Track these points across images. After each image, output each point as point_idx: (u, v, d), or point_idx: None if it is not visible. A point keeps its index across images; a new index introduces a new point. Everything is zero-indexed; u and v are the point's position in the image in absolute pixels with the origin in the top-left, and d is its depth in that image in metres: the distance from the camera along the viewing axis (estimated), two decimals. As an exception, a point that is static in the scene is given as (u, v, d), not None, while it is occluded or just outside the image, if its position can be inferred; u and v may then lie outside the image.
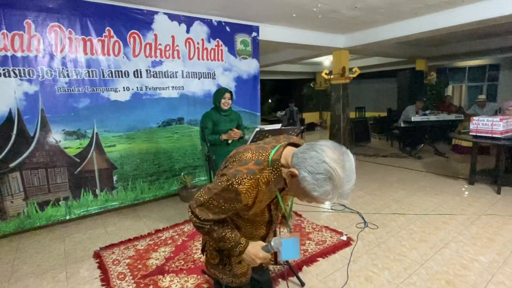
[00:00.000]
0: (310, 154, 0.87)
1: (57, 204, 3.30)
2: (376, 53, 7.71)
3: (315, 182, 0.86)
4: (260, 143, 1.10)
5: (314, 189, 0.87)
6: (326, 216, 3.36)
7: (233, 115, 3.08)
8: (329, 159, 0.85)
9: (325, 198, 0.88)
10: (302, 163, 0.88)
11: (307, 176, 0.87)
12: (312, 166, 0.86)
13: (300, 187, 0.90)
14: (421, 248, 2.58)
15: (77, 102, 3.28)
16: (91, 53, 3.30)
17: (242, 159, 1.01)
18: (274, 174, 0.99)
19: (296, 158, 0.91)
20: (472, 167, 4.21)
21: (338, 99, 6.50)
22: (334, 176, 0.84)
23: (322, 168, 0.85)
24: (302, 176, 0.88)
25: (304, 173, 0.87)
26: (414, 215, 3.27)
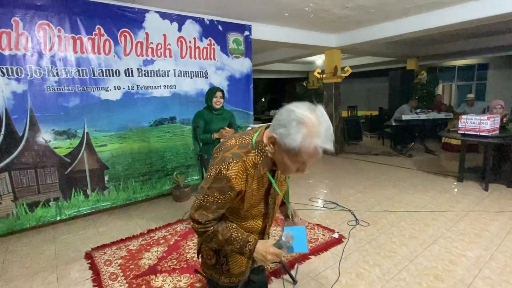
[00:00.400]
0: (281, 115, 0.92)
1: (47, 205, 3.25)
2: (367, 52, 7.79)
3: (290, 130, 0.88)
4: (242, 132, 1.12)
5: (292, 139, 0.88)
6: (318, 214, 3.40)
7: (226, 114, 3.08)
8: (297, 108, 0.90)
9: (308, 146, 0.88)
10: (276, 125, 0.93)
11: (282, 130, 0.90)
12: (284, 119, 0.90)
13: (283, 150, 0.93)
14: (411, 245, 2.63)
15: (67, 101, 3.23)
16: (81, 52, 3.26)
17: (226, 146, 1.03)
18: (260, 156, 1.00)
19: (271, 126, 0.96)
20: (461, 164, 4.30)
21: (330, 98, 6.55)
22: (305, 119, 0.87)
23: (292, 116, 0.88)
24: (278, 134, 0.91)
25: (279, 130, 0.91)
26: (404, 212, 3.32)
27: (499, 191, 3.84)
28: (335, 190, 4.19)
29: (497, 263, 2.30)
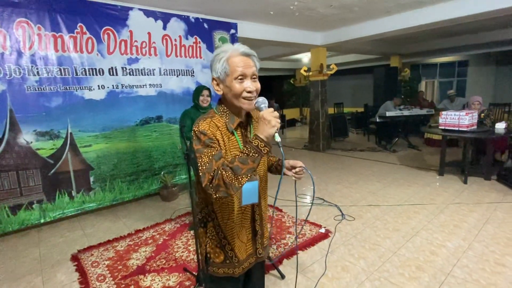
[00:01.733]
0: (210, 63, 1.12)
1: (31, 208, 3.18)
2: (352, 50, 7.92)
3: (216, 60, 1.06)
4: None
5: (220, 62, 1.05)
6: (305, 210, 3.46)
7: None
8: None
9: (231, 55, 1.05)
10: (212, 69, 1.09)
11: (214, 67, 1.08)
12: (213, 59, 1.09)
13: (224, 80, 1.06)
14: (394, 237, 2.72)
15: (49, 101, 3.16)
16: (63, 50, 3.18)
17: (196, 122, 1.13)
18: (223, 115, 1.11)
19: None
20: (442, 159, 4.46)
21: (317, 96, 6.63)
22: (220, 47, 1.10)
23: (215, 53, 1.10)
24: (213, 72, 1.08)
25: (213, 70, 1.08)
26: (388, 206, 3.42)
27: (477, 184, 4.00)
28: (322, 186, 4.27)
29: (474, 252, 2.41)
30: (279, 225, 3.07)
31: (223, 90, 1.08)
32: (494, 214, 3.08)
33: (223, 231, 1.19)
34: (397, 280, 2.12)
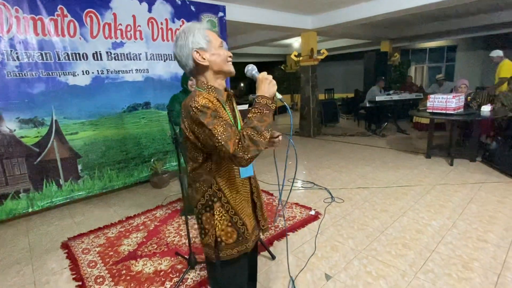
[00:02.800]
0: (181, 40, 1.09)
1: (17, 197, 3.12)
2: (343, 34, 7.85)
3: (194, 34, 1.07)
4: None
5: (200, 34, 1.07)
6: (296, 193, 3.50)
7: None
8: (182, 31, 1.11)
9: (206, 28, 1.11)
10: (184, 49, 1.08)
11: (191, 39, 1.07)
12: (184, 38, 1.08)
13: (208, 50, 1.08)
14: (382, 218, 2.79)
15: (31, 88, 3.05)
16: (43, 34, 3.05)
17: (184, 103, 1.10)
18: (210, 91, 1.10)
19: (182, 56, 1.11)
20: (429, 142, 4.54)
21: (307, 81, 6.60)
22: (187, 24, 1.11)
23: (184, 31, 1.09)
24: (192, 44, 1.07)
25: (189, 43, 1.07)
26: (377, 188, 3.49)
27: (463, 166, 4.11)
28: (313, 171, 4.31)
29: (458, 230, 2.50)
30: (269, 208, 3.11)
31: (209, 59, 1.09)
32: (478, 194, 3.18)
33: (233, 207, 1.16)
34: (384, 257, 2.18)
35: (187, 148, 1.15)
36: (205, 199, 1.16)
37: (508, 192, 3.18)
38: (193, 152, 1.14)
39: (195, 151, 1.13)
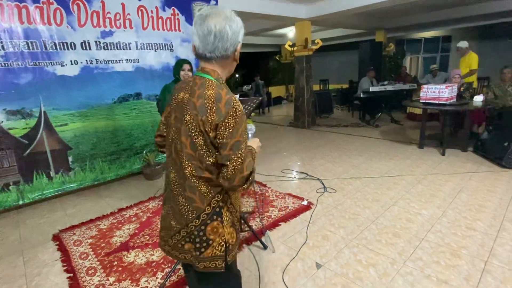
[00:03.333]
0: (223, 33, 0.98)
1: (7, 189, 3.08)
2: (337, 24, 7.78)
3: (235, 27, 0.99)
4: (183, 85, 1.06)
5: (239, 31, 1.01)
6: (289, 184, 3.51)
7: None
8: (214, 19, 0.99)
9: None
10: (231, 39, 0.99)
11: (240, 34, 1.02)
12: (230, 31, 0.98)
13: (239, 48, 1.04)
14: (373, 207, 2.81)
15: (17, 78, 2.98)
16: (29, 22, 2.96)
17: (201, 87, 0.99)
18: (225, 87, 1.02)
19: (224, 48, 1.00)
20: (422, 132, 4.56)
21: (302, 71, 6.55)
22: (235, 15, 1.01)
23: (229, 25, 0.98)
24: (241, 40, 1.03)
25: (238, 38, 1.02)
26: (369, 179, 3.51)
27: (454, 155, 4.14)
28: (306, 161, 4.32)
29: (448, 219, 2.53)
30: (262, 199, 3.11)
31: (237, 58, 1.06)
32: (469, 183, 3.22)
33: (235, 206, 1.11)
34: (374, 246, 2.21)
35: (194, 145, 0.98)
36: (212, 206, 1.03)
37: (498, 181, 3.23)
38: (204, 150, 0.98)
39: (209, 150, 0.98)
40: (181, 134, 1.00)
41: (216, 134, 0.94)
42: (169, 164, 1.09)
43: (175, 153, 1.05)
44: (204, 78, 1.01)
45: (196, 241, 1.03)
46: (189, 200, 1.02)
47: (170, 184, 1.08)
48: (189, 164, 1.00)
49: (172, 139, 1.06)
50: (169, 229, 1.10)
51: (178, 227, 1.06)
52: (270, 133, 6.44)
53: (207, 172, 0.99)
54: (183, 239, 1.07)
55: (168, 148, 1.09)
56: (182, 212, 1.04)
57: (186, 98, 1.01)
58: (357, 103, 7.35)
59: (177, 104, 1.04)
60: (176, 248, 1.09)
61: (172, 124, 1.06)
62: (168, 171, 1.09)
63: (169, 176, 1.09)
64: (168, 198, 1.11)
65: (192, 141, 0.98)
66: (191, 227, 1.03)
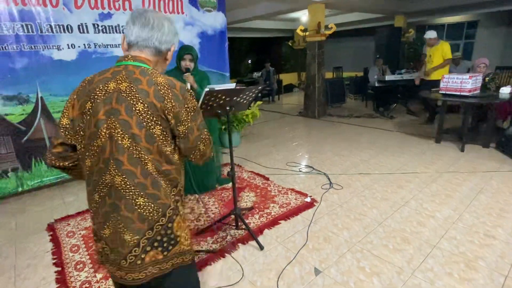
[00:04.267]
0: (164, 28, 1.01)
1: (6, 176, 3.05)
2: (354, 8, 7.33)
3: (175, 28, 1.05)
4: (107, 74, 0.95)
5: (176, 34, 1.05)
6: (292, 178, 3.33)
7: (198, 77, 2.62)
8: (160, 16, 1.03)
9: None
10: (168, 37, 1.01)
11: (176, 38, 1.06)
12: (174, 27, 1.04)
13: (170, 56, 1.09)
14: (381, 207, 2.61)
15: (13, 62, 2.87)
16: (23, 3, 2.83)
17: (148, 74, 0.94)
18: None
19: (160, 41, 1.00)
20: (440, 125, 4.25)
21: (313, 58, 6.24)
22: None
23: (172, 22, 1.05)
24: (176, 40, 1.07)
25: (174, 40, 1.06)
26: (379, 175, 3.29)
27: (475, 152, 3.84)
28: (313, 154, 4.12)
29: (464, 224, 2.31)
30: (264, 194, 2.96)
31: (169, 58, 1.08)
32: (489, 184, 2.95)
33: (183, 198, 1.08)
34: (379, 252, 2.03)
35: (150, 137, 0.90)
36: (173, 201, 0.98)
37: (522, 182, 2.95)
38: (162, 141, 0.92)
39: (166, 140, 0.94)
40: (133, 127, 0.89)
41: (176, 121, 0.94)
42: (104, 171, 0.91)
43: (121, 153, 0.89)
44: (140, 66, 0.95)
45: (163, 241, 0.95)
46: (153, 198, 0.93)
47: (119, 190, 0.90)
48: (149, 159, 0.91)
49: (110, 137, 0.89)
50: (122, 247, 0.93)
51: (138, 238, 0.92)
52: (277, 123, 6.23)
53: (166, 164, 0.95)
54: (143, 250, 0.93)
55: (100, 151, 0.91)
56: (145, 215, 0.92)
57: (127, 87, 0.89)
58: (371, 93, 7.00)
59: (109, 96, 0.90)
60: (134, 268, 0.93)
61: (101, 120, 0.89)
62: (110, 176, 0.91)
63: (114, 182, 0.91)
64: (113, 209, 0.92)
65: (148, 133, 0.90)
66: (158, 228, 0.94)
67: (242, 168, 3.65)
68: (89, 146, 0.93)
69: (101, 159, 0.91)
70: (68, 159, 1.02)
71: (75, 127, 0.95)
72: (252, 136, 5.22)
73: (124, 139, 0.89)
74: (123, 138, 0.89)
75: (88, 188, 0.97)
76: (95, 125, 0.90)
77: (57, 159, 1.02)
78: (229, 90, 1.89)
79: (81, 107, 0.93)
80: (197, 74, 2.68)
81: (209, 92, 1.79)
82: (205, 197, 2.94)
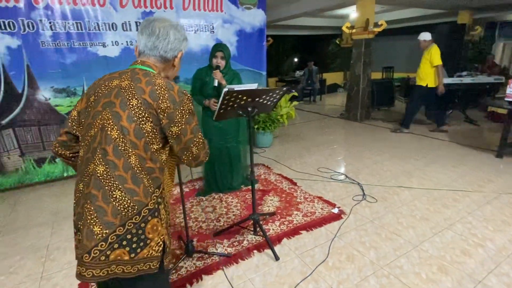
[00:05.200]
0: (169, 36, 1.07)
1: (54, 162, 3.35)
2: (410, 2, 6.70)
3: (183, 34, 1.12)
4: (114, 75, 1.04)
5: (185, 38, 1.13)
6: (322, 185, 3.13)
7: (228, 76, 2.63)
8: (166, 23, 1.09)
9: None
10: (175, 44, 1.08)
11: (184, 44, 1.14)
12: (178, 35, 1.09)
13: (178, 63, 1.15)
14: (420, 228, 2.31)
15: (63, 58, 3.13)
16: (74, 3, 3.05)
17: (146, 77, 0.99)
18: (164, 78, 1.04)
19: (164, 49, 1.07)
20: (503, 137, 3.67)
21: (359, 57, 5.85)
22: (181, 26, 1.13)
23: (178, 29, 1.10)
24: (183, 47, 1.13)
25: (182, 45, 1.13)
26: (421, 190, 2.94)
27: (547, 171, 3.24)
28: (349, 160, 3.85)
29: (522, 258, 1.93)
30: (288, 199, 2.82)
31: (177, 65, 1.13)
32: (562, 212, 2.45)
33: (168, 205, 1.08)
34: (409, 280, 1.78)
35: (139, 132, 0.93)
36: (153, 202, 0.96)
37: None
38: (150, 137, 0.95)
39: (155, 138, 0.97)
40: (123, 119, 0.93)
41: (170, 121, 0.96)
42: (92, 158, 0.93)
43: (108, 143, 0.92)
44: (146, 70, 1.02)
45: (132, 241, 0.92)
46: (131, 193, 0.92)
47: (99, 180, 0.91)
48: (133, 153, 0.93)
49: (102, 127, 0.94)
50: (89, 240, 0.89)
51: (107, 232, 0.89)
52: (315, 124, 5.98)
53: (150, 162, 0.96)
54: (109, 247, 0.90)
55: (91, 139, 0.95)
56: (120, 209, 0.91)
57: (127, 84, 0.96)
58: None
59: (110, 91, 0.97)
60: (96, 264, 0.89)
61: (98, 112, 0.96)
62: (94, 164, 0.92)
63: (96, 171, 0.91)
64: (90, 196, 0.91)
65: (138, 127, 0.93)
66: (130, 225, 0.92)
67: (270, 170, 3.54)
68: (84, 137, 0.99)
69: (91, 148, 0.94)
70: (70, 148, 1.10)
71: (80, 119, 1.04)
72: (287, 137, 5.07)
73: (113, 130, 0.92)
74: (112, 129, 0.92)
75: (76, 178, 1.00)
76: (92, 117, 0.97)
77: (60, 147, 1.10)
78: (250, 91, 1.80)
79: (87, 101, 1.02)
80: (228, 72, 2.66)
81: (228, 92, 1.71)
82: (228, 197, 2.90)
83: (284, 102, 4.52)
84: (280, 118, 4.36)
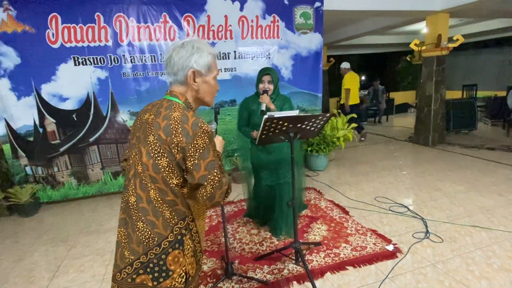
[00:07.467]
0: (181, 54, 1.01)
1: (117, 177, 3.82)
2: (492, 13, 5.90)
3: (194, 50, 1.02)
4: (150, 107, 1.06)
5: (204, 54, 1.03)
6: (378, 217, 2.87)
7: (277, 102, 2.39)
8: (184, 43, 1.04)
9: (211, 50, 1.08)
10: (184, 63, 1.01)
11: (195, 57, 1.01)
12: (188, 53, 1.01)
13: (204, 75, 1.05)
14: (497, 280, 1.92)
15: (139, 86, 3.62)
16: (150, 39, 3.54)
17: (165, 110, 0.98)
18: (193, 112, 1.03)
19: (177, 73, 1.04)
20: None
21: (430, 76, 5.33)
22: (197, 40, 1.06)
23: (191, 45, 1.03)
24: (194, 63, 1.02)
25: (192, 60, 1.02)
26: (503, 232, 2.45)
27: None
28: (413, 190, 3.45)
29: None
30: (338, 230, 2.65)
31: (199, 84, 1.05)
32: None
33: (199, 235, 1.08)
34: None
35: (156, 167, 0.95)
36: (174, 234, 0.98)
37: None
38: (167, 172, 0.95)
39: (173, 172, 0.96)
40: (143, 155, 0.97)
41: (184, 156, 0.94)
42: (128, 188, 1.02)
43: (136, 176, 0.99)
44: (171, 101, 1.02)
45: (154, 270, 0.96)
46: (151, 225, 0.96)
47: (130, 209, 0.99)
48: (152, 187, 0.97)
49: (134, 161, 1.01)
50: (121, 261, 0.99)
51: (132, 258, 0.97)
52: (378, 148, 5.57)
53: (172, 195, 0.98)
54: (135, 271, 0.97)
55: (129, 170, 1.03)
56: (142, 239, 0.96)
57: (151, 119, 0.99)
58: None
59: (141, 125, 1.02)
60: (125, 284, 0.98)
61: (133, 145, 1.03)
62: (129, 194, 1.01)
63: (129, 201, 1.00)
64: (125, 222, 1.02)
65: (154, 163, 0.96)
66: (151, 255, 0.96)
67: (321, 196, 3.41)
68: (128, 162, 1.08)
69: (128, 177, 1.04)
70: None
71: (129, 146, 1.12)
72: (344, 160, 4.83)
73: (138, 165, 0.99)
74: (137, 164, 0.99)
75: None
76: (130, 147, 1.07)
77: (123, 171, 1.22)
78: (291, 118, 1.80)
79: (132, 129, 1.11)
80: (277, 98, 2.43)
81: (268, 119, 1.75)
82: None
83: (341, 124, 4.37)
84: (336, 140, 4.21)
